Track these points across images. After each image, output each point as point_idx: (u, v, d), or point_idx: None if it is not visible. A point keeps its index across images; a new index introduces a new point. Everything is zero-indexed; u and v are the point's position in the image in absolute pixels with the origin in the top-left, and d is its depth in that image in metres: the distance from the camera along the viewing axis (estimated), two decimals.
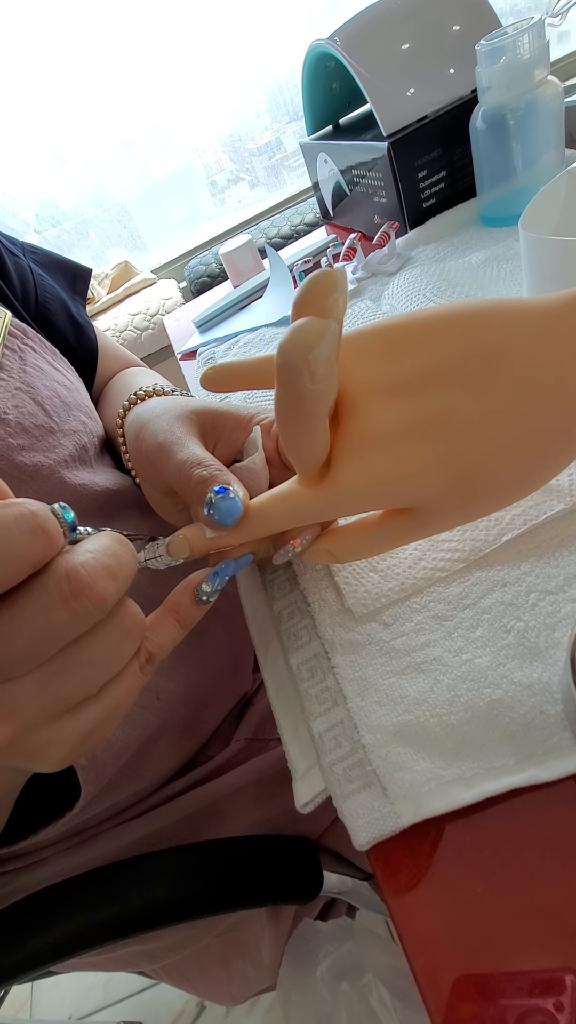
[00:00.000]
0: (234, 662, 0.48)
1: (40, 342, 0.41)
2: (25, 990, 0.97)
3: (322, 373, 0.18)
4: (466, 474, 0.21)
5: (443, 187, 0.59)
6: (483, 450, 0.20)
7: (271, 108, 1.89)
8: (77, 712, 0.19)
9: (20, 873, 0.39)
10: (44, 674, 0.17)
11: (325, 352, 0.17)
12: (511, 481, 0.22)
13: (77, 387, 0.43)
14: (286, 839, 0.38)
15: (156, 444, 0.29)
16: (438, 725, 0.22)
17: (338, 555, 0.25)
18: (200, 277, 1.53)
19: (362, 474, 0.21)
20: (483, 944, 0.18)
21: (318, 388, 0.18)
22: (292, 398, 0.19)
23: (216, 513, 0.23)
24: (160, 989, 0.88)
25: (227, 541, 0.24)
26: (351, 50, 0.56)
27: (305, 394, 0.18)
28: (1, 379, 0.35)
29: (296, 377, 0.18)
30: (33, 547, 0.16)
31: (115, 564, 0.18)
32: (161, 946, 0.44)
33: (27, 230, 1.89)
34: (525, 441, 0.20)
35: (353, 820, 0.21)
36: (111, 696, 0.19)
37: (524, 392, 0.20)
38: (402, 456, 0.21)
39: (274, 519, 0.23)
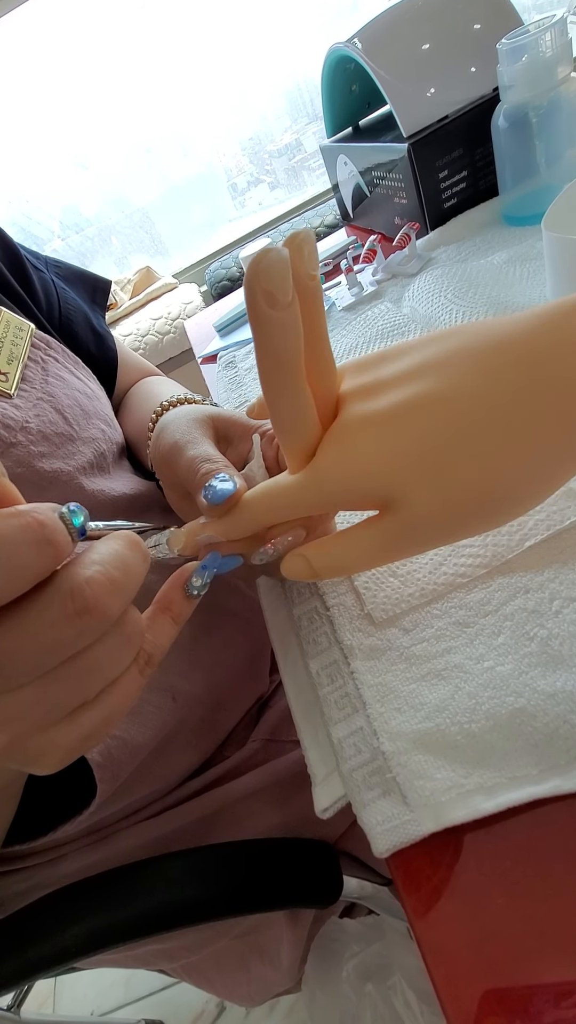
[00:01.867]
0: (251, 664, 0.48)
1: (63, 352, 0.42)
2: (48, 985, 0.99)
3: (279, 297, 0.18)
4: (440, 459, 0.20)
5: (464, 187, 0.58)
6: (456, 431, 0.20)
7: (291, 110, 1.90)
8: (74, 718, 0.19)
9: (41, 868, 0.40)
10: (43, 683, 0.17)
11: (277, 273, 0.18)
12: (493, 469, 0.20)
13: (98, 395, 0.44)
14: (306, 843, 0.38)
15: (172, 443, 0.30)
16: (459, 733, 0.22)
17: (315, 563, 0.24)
18: (221, 281, 1.54)
19: (342, 457, 0.22)
20: (505, 956, 0.18)
21: (276, 314, 0.19)
22: (259, 335, 0.19)
23: (210, 493, 0.24)
24: (181, 988, 0.89)
25: (218, 530, 0.24)
26: (371, 52, 0.56)
27: (267, 323, 0.19)
28: (24, 389, 0.37)
29: (254, 302, 0.19)
30: (39, 560, 0.16)
31: (122, 577, 0.18)
32: (179, 945, 0.44)
33: (51, 237, 1.93)
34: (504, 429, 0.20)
35: (372, 827, 0.21)
36: (109, 702, 0.19)
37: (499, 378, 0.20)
38: (380, 438, 0.21)
39: (260, 508, 0.24)
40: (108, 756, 0.35)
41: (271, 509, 0.24)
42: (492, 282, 0.46)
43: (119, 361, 0.52)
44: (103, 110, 1.76)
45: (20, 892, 0.40)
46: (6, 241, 0.45)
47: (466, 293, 0.47)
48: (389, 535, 0.22)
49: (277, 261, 0.18)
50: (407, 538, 0.22)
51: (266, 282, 0.18)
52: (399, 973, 0.38)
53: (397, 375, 0.22)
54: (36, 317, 0.43)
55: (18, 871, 0.40)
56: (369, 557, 0.23)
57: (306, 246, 0.19)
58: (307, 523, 0.25)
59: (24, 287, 0.44)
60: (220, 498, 0.24)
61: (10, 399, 0.36)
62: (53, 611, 0.16)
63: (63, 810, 0.37)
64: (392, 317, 0.51)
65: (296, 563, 0.24)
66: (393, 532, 0.22)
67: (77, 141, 1.79)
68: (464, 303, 0.46)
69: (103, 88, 1.72)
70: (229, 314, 0.73)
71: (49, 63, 1.65)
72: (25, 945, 0.31)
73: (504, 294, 0.44)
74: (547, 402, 0.19)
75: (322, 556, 0.23)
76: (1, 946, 0.32)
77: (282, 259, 0.18)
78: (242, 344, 0.66)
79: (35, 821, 0.37)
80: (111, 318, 1.69)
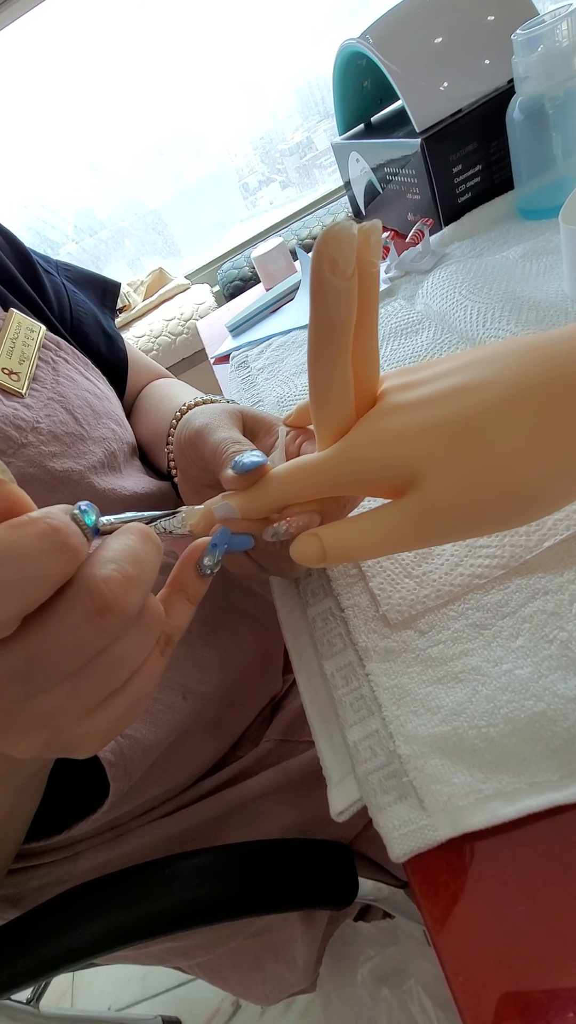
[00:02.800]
0: (264, 664, 0.48)
1: (73, 353, 0.43)
2: (67, 980, 1.00)
3: (342, 266, 0.19)
4: (467, 437, 0.20)
5: (479, 181, 0.58)
6: (484, 410, 0.20)
7: (302, 108, 1.89)
8: (106, 705, 0.19)
9: (58, 865, 0.41)
10: (74, 681, 0.18)
11: (346, 243, 0.19)
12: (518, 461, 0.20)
13: (108, 396, 0.44)
14: (322, 843, 0.37)
15: (200, 426, 0.30)
16: (477, 737, 0.22)
17: (327, 544, 0.23)
18: (233, 281, 1.54)
19: (372, 434, 0.22)
20: (525, 963, 0.18)
21: (336, 281, 0.20)
22: (316, 300, 0.20)
23: (239, 464, 0.24)
24: (197, 985, 0.89)
25: (237, 502, 0.24)
26: (382, 48, 0.55)
27: (326, 288, 0.20)
28: (35, 389, 0.37)
29: (318, 266, 0.20)
30: (59, 566, 0.16)
31: (138, 571, 0.18)
32: (193, 944, 0.45)
33: (66, 240, 1.95)
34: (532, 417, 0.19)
35: (389, 832, 0.21)
36: (136, 685, 0.20)
37: (535, 372, 0.20)
38: (412, 417, 0.21)
39: (283, 483, 0.24)
40: (120, 755, 0.35)
41: (294, 484, 0.24)
42: (508, 277, 0.46)
43: (129, 362, 0.53)
44: (116, 113, 1.77)
45: (38, 888, 0.41)
46: (18, 246, 0.45)
47: (481, 289, 0.46)
48: (406, 518, 0.22)
49: (347, 232, 0.19)
50: (423, 523, 0.21)
51: (334, 249, 0.19)
52: (414, 978, 0.37)
53: (436, 373, 0.22)
54: (48, 320, 0.44)
55: (36, 867, 0.41)
56: (383, 542, 0.22)
57: (373, 235, 0.20)
58: (323, 508, 0.25)
59: (36, 291, 0.45)
60: (249, 466, 0.24)
61: (22, 399, 0.36)
62: (74, 614, 0.17)
63: (78, 809, 0.37)
64: (406, 314, 0.50)
65: (308, 543, 0.23)
66: (410, 515, 0.21)
67: (91, 145, 1.80)
68: (479, 299, 0.45)
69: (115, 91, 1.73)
70: (241, 314, 0.73)
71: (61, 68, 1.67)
72: (44, 941, 0.32)
73: (520, 289, 0.44)
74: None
75: (335, 537, 0.23)
76: (21, 942, 0.32)
77: (352, 232, 0.19)
78: (254, 344, 0.66)
79: (51, 819, 0.38)
80: (125, 320, 1.71)
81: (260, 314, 0.72)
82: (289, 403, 0.49)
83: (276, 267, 0.78)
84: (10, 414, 0.35)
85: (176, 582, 0.23)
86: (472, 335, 0.43)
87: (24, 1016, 0.57)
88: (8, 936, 0.32)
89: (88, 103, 1.73)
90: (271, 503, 0.24)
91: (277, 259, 0.78)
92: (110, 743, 0.35)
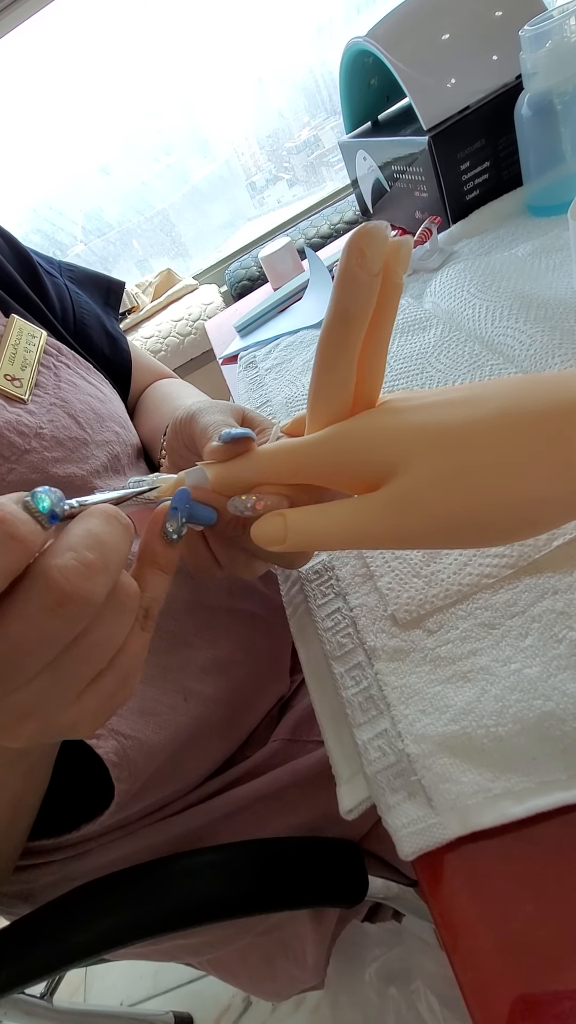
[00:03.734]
0: (272, 664, 0.48)
1: (74, 358, 0.43)
2: (79, 975, 1.01)
3: (370, 261, 0.20)
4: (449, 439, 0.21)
5: (487, 178, 0.57)
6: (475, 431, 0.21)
7: (309, 106, 1.89)
8: (93, 687, 0.20)
9: (70, 862, 0.41)
10: (52, 670, 0.18)
11: (378, 241, 0.20)
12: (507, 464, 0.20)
13: (111, 399, 0.44)
14: (332, 842, 0.38)
15: (193, 411, 0.30)
16: (486, 736, 0.22)
17: (291, 525, 0.22)
18: (240, 281, 1.55)
19: (361, 424, 0.23)
20: (534, 962, 0.18)
21: (362, 275, 0.20)
22: (339, 288, 0.21)
23: (225, 434, 0.24)
24: (208, 981, 0.90)
25: (213, 472, 0.24)
26: (389, 45, 0.55)
27: (350, 279, 0.21)
28: (37, 396, 0.37)
29: (348, 257, 0.20)
30: (7, 557, 0.16)
31: (100, 557, 0.17)
32: (203, 941, 0.45)
33: (74, 242, 1.96)
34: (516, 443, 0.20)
35: (398, 830, 0.21)
36: (121, 664, 0.20)
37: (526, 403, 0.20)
38: (403, 417, 0.22)
39: (263, 460, 0.24)
40: (124, 756, 0.35)
41: (273, 462, 0.24)
42: (516, 275, 0.45)
43: (133, 363, 0.53)
44: (123, 114, 1.78)
45: (50, 884, 0.41)
46: (19, 248, 0.45)
47: (489, 287, 0.46)
48: (376, 510, 0.22)
49: (381, 232, 0.20)
50: (392, 517, 0.21)
51: (366, 243, 0.20)
52: (421, 979, 0.37)
53: (436, 391, 0.23)
54: (51, 323, 0.44)
55: (47, 864, 0.41)
56: (347, 532, 0.22)
57: (404, 249, 0.21)
58: (293, 495, 0.24)
59: (38, 294, 0.45)
60: (235, 435, 0.24)
61: (24, 405, 0.36)
62: (32, 608, 0.16)
63: (86, 809, 0.38)
64: (413, 312, 0.50)
65: (271, 522, 0.23)
66: (380, 507, 0.21)
67: (98, 146, 1.81)
68: (487, 297, 0.45)
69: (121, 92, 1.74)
70: (249, 314, 0.73)
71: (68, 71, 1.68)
72: (56, 936, 0.32)
73: (529, 287, 0.43)
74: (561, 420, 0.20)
75: (300, 520, 0.23)
76: (34, 937, 0.33)
77: (385, 234, 0.20)
78: (262, 344, 0.66)
79: (58, 820, 0.38)
80: (133, 321, 1.71)
81: (268, 314, 0.72)
82: (297, 403, 0.49)
83: (284, 267, 0.78)
84: (13, 420, 0.35)
85: (145, 553, 0.23)
86: (480, 333, 0.42)
87: (38, 1010, 0.58)
88: (22, 931, 0.33)
89: (95, 105, 1.73)
90: (246, 478, 0.24)
91: (285, 259, 0.78)
92: (113, 745, 0.35)
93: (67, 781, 0.35)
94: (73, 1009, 0.64)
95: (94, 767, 0.35)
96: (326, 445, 0.23)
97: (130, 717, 0.36)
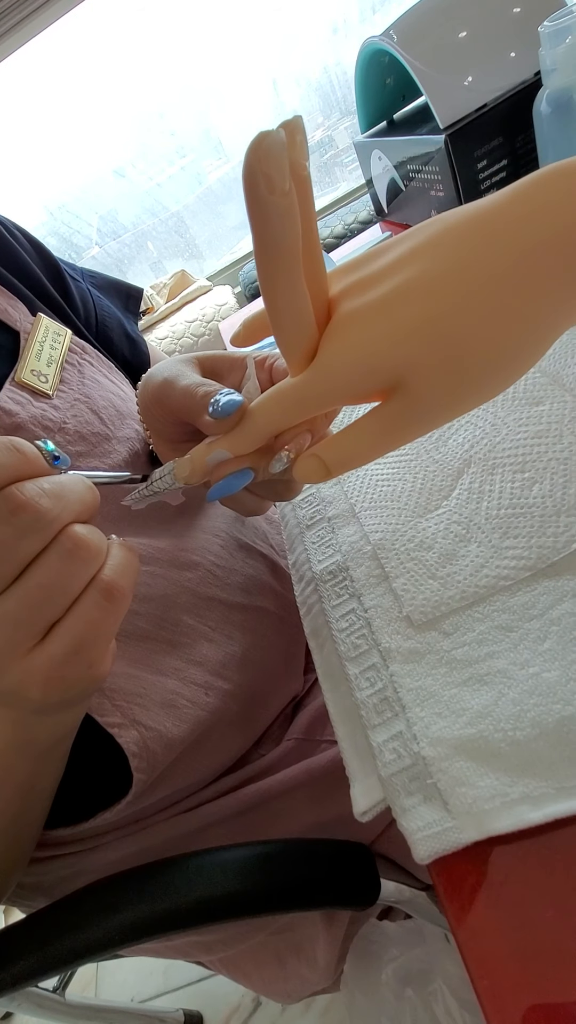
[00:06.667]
0: (286, 662, 0.48)
1: (97, 357, 0.44)
2: (91, 970, 1.02)
3: (278, 181, 0.18)
4: (444, 329, 0.20)
5: (505, 176, 0.57)
6: (456, 302, 0.20)
7: (323, 106, 1.89)
8: (44, 644, 0.21)
9: (84, 855, 0.42)
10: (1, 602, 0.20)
11: (277, 156, 0.18)
12: (495, 338, 0.21)
13: (131, 397, 0.45)
14: (344, 844, 0.37)
15: (160, 381, 0.31)
16: (503, 740, 0.21)
17: (327, 459, 0.24)
18: (254, 282, 1.55)
19: (343, 348, 0.22)
20: (552, 969, 0.18)
21: (276, 200, 0.19)
22: (258, 222, 0.19)
23: (218, 407, 0.24)
24: (218, 980, 0.90)
25: (226, 445, 0.25)
26: (406, 44, 0.55)
27: (267, 209, 0.19)
28: (62, 391, 0.38)
29: (254, 187, 0.18)
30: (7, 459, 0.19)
31: (56, 488, 0.20)
32: (215, 939, 0.45)
33: (90, 245, 1.98)
34: (499, 294, 0.20)
35: (413, 833, 0.21)
36: (71, 626, 0.21)
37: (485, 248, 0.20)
38: (379, 323, 0.21)
39: (267, 413, 0.24)
40: (143, 747, 0.36)
41: (279, 413, 0.24)
42: None
43: (151, 364, 0.54)
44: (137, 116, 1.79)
45: (64, 878, 0.42)
46: (47, 255, 0.47)
47: None
48: (397, 413, 0.22)
49: (276, 143, 0.18)
50: (414, 413, 0.22)
51: (266, 165, 0.18)
52: (440, 979, 0.37)
53: (385, 268, 0.22)
54: (74, 324, 0.45)
55: (63, 856, 0.42)
56: (379, 441, 0.23)
57: (298, 134, 0.19)
58: (311, 426, 0.25)
59: (64, 298, 0.46)
60: (229, 409, 0.24)
61: (49, 399, 0.37)
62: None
63: (103, 798, 0.38)
64: None
65: (310, 463, 0.24)
66: (401, 410, 0.22)
67: (113, 149, 1.83)
68: None
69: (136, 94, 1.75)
70: None
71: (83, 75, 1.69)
72: (69, 931, 0.32)
73: None
74: (531, 264, 0.20)
75: (333, 451, 0.24)
76: (48, 931, 0.33)
77: (281, 141, 0.18)
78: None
79: (75, 808, 0.39)
80: (148, 322, 1.73)
81: None
82: None
83: None
84: (39, 414, 0.36)
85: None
86: None
87: (50, 1004, 0.58)
88: (38, 925, 0.33)
89: (109, 108, 1.75)
90: (260, 436, 0.25)
91: None
92: (134, 735, 0.36)
93: (84, 770, 0.35)
94: (85, 1004, 0.65)
95: (111, 757, 0.36)
96: (322, 380, 0.23)
97: (152, 709, 0.37)
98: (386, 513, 0.33)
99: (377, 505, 0.34)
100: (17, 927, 0.34)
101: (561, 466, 0.29)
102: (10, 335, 0.38)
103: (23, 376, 0.36)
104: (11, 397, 0.35)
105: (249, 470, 0.25)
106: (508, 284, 0.20)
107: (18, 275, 0.42)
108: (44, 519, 0.19)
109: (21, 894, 0.43)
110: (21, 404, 0.35)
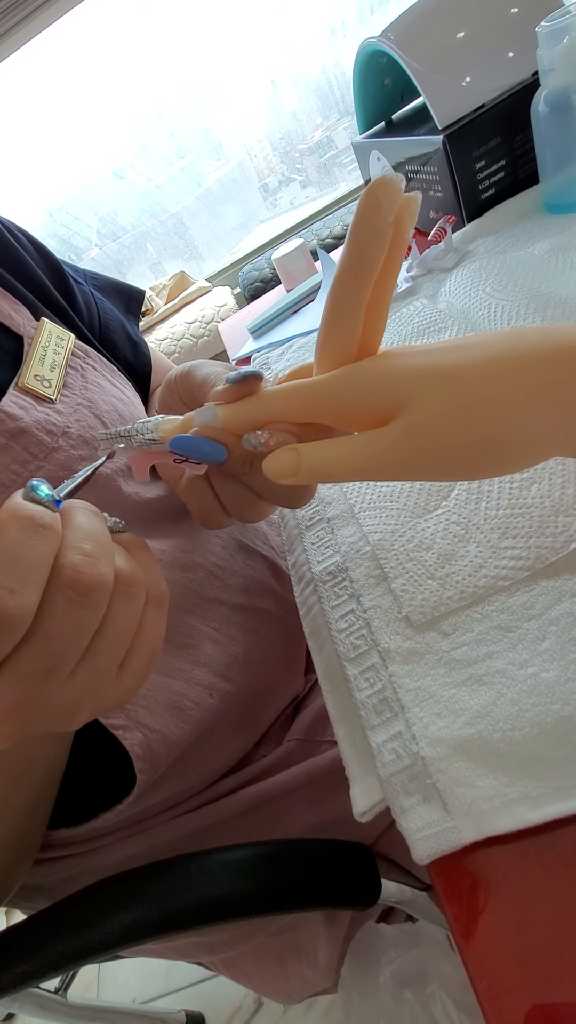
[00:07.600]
0: (286, 663, 0.48)
1: (100, 361, 0.44)
2: (93, 971, 1.02)
3: (385, 210, 0.21)
4: (464, 376, 0.22)
5: (503, 176, 0.57)
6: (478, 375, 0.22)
7: (322, 107, 1.89)
8: (127, 666, 0.23)
9: (86, 857, 0.42)
10: (88, 659, 0.21)
11: (393, 192, 0.21)
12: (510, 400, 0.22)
13: (133, 401, 0.45)
14: (344, 844, 0.37)
15: (188, 367, 0.32)
16: (502, 740, 0.21)
17: (304, 457, 0.23)
18: (253, 283, 1.55)
19: (370, 366, 0.23)
20: (552, 969, 0.18)
21: (378, 222, 0.21)
22: (354, 233, 0.22)
23: (233, 375, 0.25)
24: (219, 981, 0.90)
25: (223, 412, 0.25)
26: (404, 45, 0.55)
27: (366, 225, 0.22)
28: (65, 395, 0.38)
29: (364, 205, 0.21)
30: (45, 545, 0.19)
31: (96, 546, 0.21)
32: (217, 940, 0.45)
33: (90, 246, 1.98)
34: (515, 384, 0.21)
35: (412, 833, 0.21)
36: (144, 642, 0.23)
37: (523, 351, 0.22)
38: (409, 360, 0.23)
39: (273, 398, 0.25)
40: (148, 749, 0.36)
41: (283, 401, 0.24)
42: (533, 273, 0.45)
43: (152, 367, 0.54)
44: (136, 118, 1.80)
45: (66, 879, 0.42)
46: (50, 258, 0.47)
47: (506, 286, 0.45)
48: (388, 441, 0.23)
49: (396, 184, 0.21)
50: (404, 447, 0.22)
51: (383, 193, 0.21)
52: (437, 982, 0.37)
53: (433, 343, 0.24)
54: (77, 328, 0.45)
55: (64, 858, 0.42)
56: (362, 462, 0.23)
57: (413, 204, 0.22)
58: (302, 433, 0.25)
59: (68, 301, 0.46)
60: (246, 373, 0.25)
61: (53, 404, 0.37)
62: (59, 606, 0.19)
63: (105, 799, 0.39)
64: (428, 313, 0.50)
65: (284, 455, 0.24)
66: (393, 438, 0.23)
67: (112, 150, 1.83)
68: (503, 296, 0.44)
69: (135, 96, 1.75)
70: (262, 316, 0.73)
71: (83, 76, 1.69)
72: (71, 932, 0.33)
73: (546, 285, 0.43)
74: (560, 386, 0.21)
75: (314, 452, 0.24)
76: (50, 931, 0.33)
77: (400, 187, 0.21)
78: (276, 345, 0.66)
79: (78, 808, 0.39)
80: (147, 324, 1.73)
81: (281, 315, 0.73)
82: None
83: (297, 268, 0.78)
84: (42, 419, 0.36)
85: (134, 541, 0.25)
86: None
87: (52, 1004, 0.59)
88: (38, 926, 0.33)
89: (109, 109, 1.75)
90: (256, 416, 0.25)
91: (298, 260, 0.78)
92: (138, 737, 0.36)
93: (86, 771, 0.36)
94: (87, 1005, 0.65)
95: (113, 758, 0.36)
96: (337, 382, 0.24)
97: (157, 711, 0.37)
98: (385, 514, 0.33)
99: (376, 506, 0.35)
100: (19, 928, 0.34)
101: (559, 466, 0.29)
102: (14, 340, 0.38)
103: (27, 381, 0.36)
104: (15, 402, 0.35)
105: (223, 448, 0.25)
106: (534, 365, 0.21)
107: (22, 279, 0.42)
108: (109, 586, 0.20)
109: (23, 895, 0.43)
110: (25, 409, 0.35)
